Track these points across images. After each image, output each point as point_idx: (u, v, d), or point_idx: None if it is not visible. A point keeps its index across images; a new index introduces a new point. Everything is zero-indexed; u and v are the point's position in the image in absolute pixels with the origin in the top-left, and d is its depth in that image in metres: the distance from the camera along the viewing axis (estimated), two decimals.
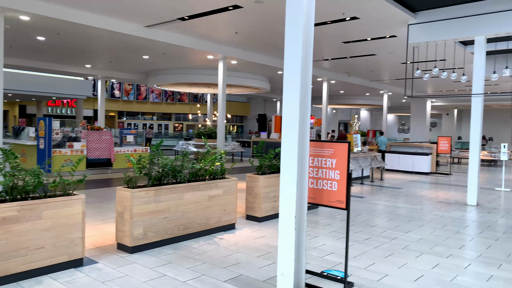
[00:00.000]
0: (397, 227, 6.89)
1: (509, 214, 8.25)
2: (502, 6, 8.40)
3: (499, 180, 13.62)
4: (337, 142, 4.29)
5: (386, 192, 10.74)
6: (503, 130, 32.76)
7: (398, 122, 40.16)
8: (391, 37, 10.99)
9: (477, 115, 9.17)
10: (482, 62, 9.06)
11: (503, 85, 20.01)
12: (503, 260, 5.25)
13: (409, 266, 4.91)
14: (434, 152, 15.66)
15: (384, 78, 19.61)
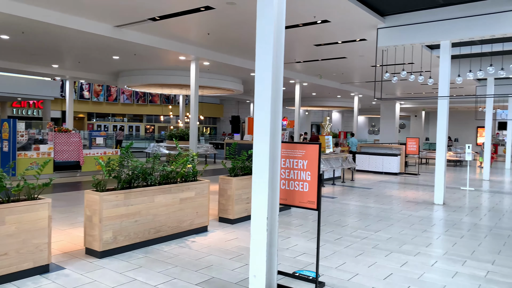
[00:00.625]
0: (367, 227, 7.03)
1: (473, 213, 8.56)
2: (466, 12, 8.73)
3: (464, 180, 14.13)
4: (309, 143, 4.33)
5: (356, 192, 10.94)
6: (468, 131, 34.03)
7: (369, 124, 41.03)
8: (361, 40, 11.22)
9: (443, 116, 9.48)
10: (447, 66, 9.38)
11: (467, 88, 20.79)
12: (467, 257, 5.44)
13: (378, 265, 5.02)
14: (402, 153, 16.08)
15: (355, 80, 20.00)
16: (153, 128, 36.18)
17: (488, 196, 10.97)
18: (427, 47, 12.09)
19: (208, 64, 14.73)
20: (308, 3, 8.24)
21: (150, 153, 18.08)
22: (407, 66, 13.78)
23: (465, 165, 20.46)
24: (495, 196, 10.98)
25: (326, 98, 26.93)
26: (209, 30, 10.76)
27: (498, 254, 5.60)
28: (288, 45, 12.17)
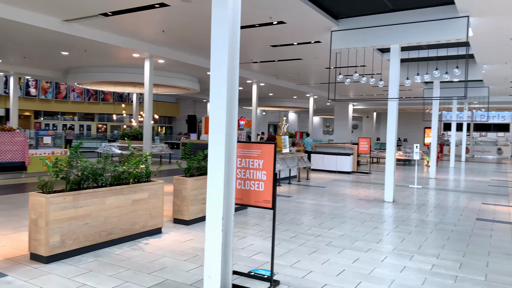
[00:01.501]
0: (321, 224, 7.18)
1: (420, 209, 8.99)
2: (414, 18, 9.15)
3: (412, 178, 14.81)
4: (264, 143, 4.35)
5: (311, 191, 11.16)
6: (416, 131, 35.74)
7: (323, 124, 42.02)
8: (316, 42, 11.46)
9: (393, 117, 9.88)
10: (396, 69, 9.79)
11: (416, 90, 21.83)
12: (415, 252, 5.70)
13: (332, 262, 5.13)
14: (355, 153, 16.60)
15: (310, 82, 20.40)
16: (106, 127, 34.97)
17: (434, 193, 11.56)
18: (379, 50, 12.57)
19: (163, 62, 14.45)
20: (264, 4, 8.29)
21: (101, 153, 17.45)
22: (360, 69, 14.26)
23: (413, 164, 21.44)
24: (440, 193, 11.59)
25: (283, 99, 27.28)
26: (164, 28, 10.55)
27: (443, 248, 5.91)
28: (245, 45, 12.20)
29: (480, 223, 7.67)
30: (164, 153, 17.81)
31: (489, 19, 8.78)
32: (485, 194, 11.48)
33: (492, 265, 5.18)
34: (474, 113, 28.93)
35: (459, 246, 6.07)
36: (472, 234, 6.84)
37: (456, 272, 4.90)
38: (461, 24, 8.58)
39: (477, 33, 9.91)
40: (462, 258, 5.47)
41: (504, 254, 5.71)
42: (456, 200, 10.33)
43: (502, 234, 6.86)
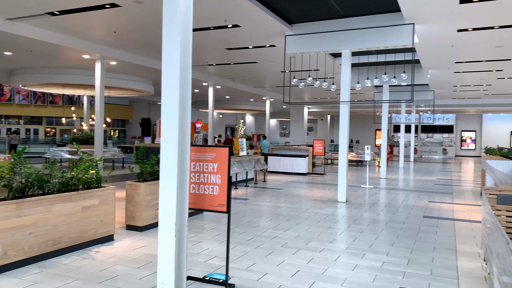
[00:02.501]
0: (277, 226, 7.25)
1: (372, 209, 9.31)
2: (364, 24, 9.50)
3: (364, 178, 15.31)
4: (218, 146, 4.34)
5: (268, 193, 11.25)
6: (368, 133, 37.03)
7: (280, 127, 42.54)
8: (270, 46, 11.59)
9: (344, 120, 10.18)
10: (348, 73, 10.10)
11: (367, 94, 22.63)
12: (366, 250, 5.89)
13: (287, 263, 5.20)
14: (310, 154, 16.93)
15: (266, 85, 20.59)
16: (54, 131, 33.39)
17: (385, 193, 12.02)
18: (331, 55, 12.92)
19: (115, 64, 14.03)
20: (218, 7, 8.28)
21: (50, 158, 16.64)
22: (314, 73, 14.57)
23: (365, 165, 22.19)
24: (390, 192, 12.08)
25: (240, 101, 27.33)
26: (115, 28, 10.25)
27: (392, 246, 6.15)
28: (200, 48, 12.11)
29: (427, 221, 8.07)
30: (117, 158, 17.27)
31: (433, 26, 9.28)
32: (431, 193, 12.09)
33: (437, 260, 5.47)
34: (422, 115, 30.46)
35: (407, 243, 6.35)
36: (419, 231, 7.18)
37: (404, 268, 5.12)
38: (407, 31, 9.00)
39: (422, 40, 10.44)
40: (410, 254, 5.73)
41: (447, 249, 6.04)
42: (405, 199, 10.80)
43: (446, 230, 7.25)
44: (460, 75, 16.06)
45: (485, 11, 8.14)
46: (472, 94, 23.30)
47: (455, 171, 20.04)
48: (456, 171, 20.06)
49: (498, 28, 9.38)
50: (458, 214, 8.79)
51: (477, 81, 17.79)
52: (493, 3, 7.70)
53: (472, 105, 27.13)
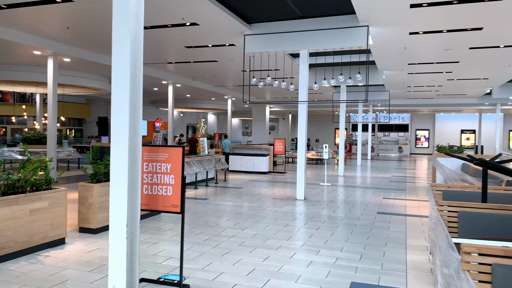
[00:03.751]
0: (236, 225, 7.27)
1: (328, 206, 9.53)
2: (320, 25, 9.69)
3: (323, 176, 15.64)
4: (172, 146, 4.29)
5: (228, 193, 11.25)
6: (328, 132, 37.83)
7: (243, 126, 42.60)
8: (230, 45, 11.58)
9: (303, 119, 10.35)
10: (305, 73, 10.28)
11: (326, 94, 23.11)
12: (321, 247, 6.03)
13: (243, 262, 5.23)
14: (271, 153, 17.08)
15: (228, 84, 20.56)
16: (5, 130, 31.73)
17: (342, 190, 12.34)
18: (290, 55, 13.08)
19: (69, 61, 13.53)
20: (175, 5, 8.17)
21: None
22: (275, 72, 14.71)
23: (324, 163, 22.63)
24: (347, 190, 12.41)
25: (201, 100, 27.11)
26: (68, 24, 9.88)
27: (346, 242, 6.33)
28: (158, 45, 11.91)
29: (380, 216, 8.36)
30: (72, 158, 16.67)
31: (386, 29, 9.61)
32: (386, 189, 12.54)
33: (388, 255, 5.68)
34: (378, 115, 31.48)
35: (361, 238, 6.56)
36: (373, 227, 7.43)
37: (357, 263, 5.28)
38: (362, 33, 9.27)
39: (377, 42, 10.79)
40: (363, 250, 5.92)
41: (398, 243, 6.29)
42: (361, 196, 11.13)
43: (398, 226, 7.54)
44: (413, 76, 16.74)
45: (434, 15, 8.52)
46: (425, 95, 24.35)
47: (409, 169, 20.87)
48: (410, 169, 20.90)
49: (446, 32, 9.85)
50: (410, 210, 9.17)
51: (429, 82, 18.60)
52: (441, 8, 8.08)
53: (425, 105, 28.36)
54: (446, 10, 8.20)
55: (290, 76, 14.26)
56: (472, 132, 34.12)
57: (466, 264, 2.34)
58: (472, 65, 14.11)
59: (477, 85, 19.39)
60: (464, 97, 25.12)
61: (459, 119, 34.45)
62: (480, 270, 2.32)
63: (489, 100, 24.64)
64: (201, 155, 14.14)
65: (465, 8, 8.04)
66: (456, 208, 4.00)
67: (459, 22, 9.02)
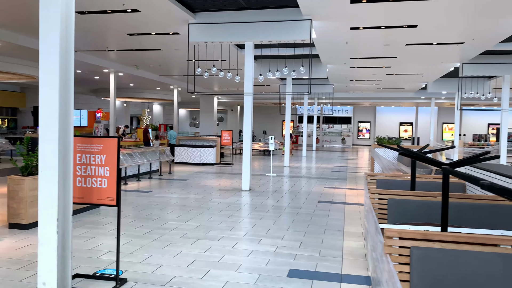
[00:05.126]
0: (178, 218, 7.19)
1: (273, 196, 9.70)
2: (266, 17, 9.74)
3: (269, 167, 15.87)
4: (107, 137, 4.14)
5: (173, 185, 11.08)
6: (275, 124, 38.35)
7: (190, 117, 42.03)
8: (174, 34, 11.32)
9: (248, 111, 10.41)
10: (251, 65, 10.31)
11: (273, 86, 23.36)
12: (263, 236, 6.13)
13: (184, 253, 5.19)
14: (218, 145, 17.03)
15: (173, 73, 20.13)
16: None
17: (286, 180, 12.60)
18: (236, 46, 13.05)
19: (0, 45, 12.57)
20: None
21: None
22: (222, 63, 14.59)
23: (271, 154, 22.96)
24: (291, 180, 12.69)
25: (146, 90, 26.35)
26: None
27: (287, 230, 6.49)
28: (97, 32, 11.39)
29: (321, 205, 8.65)
30: (4, 150, 15.58)
31: (328, 23, 9.87)
32: (328, 179, 12.98)
33: (326, 242, 5.90)
34: (323, 107, 32.40)
35: (301, 227, 6.75)
36: (314, 215, 7.67)
37: (296, 251, 5.44)
38: (305, 26, 9.45)
39: (320, 36, 11.06)
40: (302, 237, 6.09)
41: (336, 231, 6.55)
42: (304, 186, 11.44)
43: (337, 214, 7.84)
44: (355, 70, 17.37)
45: (373, 11, 8.87)
46: (366, 88, 25.39)
47: (351, 159, 21.73)
48: (352, 159, 21.77)
49: (384, 28, 10.30)
50: (349, 198, 9.56)
51: (370, 76, 19.41)
52: (379, 5, 8.43)
53: (366, 98, 29.59)
54: (384, 7, 8.57)
55: (236, 67, 14.24)
56: (409, 124, 36.13)
57: (388, 247, 2.49)
58: (408, 60, 14.89)
59: (413, 80, 20.53)
60: (402, 91, 26.50)
61: (398, 112, 36.33)
62: (400, 252, 2.47)
63: (424, 94, 26.19)
64: (144, 147, 13.78)
65: (401, 6, 8.45)
66: (386, 196, 4.23)
67: (396, 19, 9.47)
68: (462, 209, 3.97)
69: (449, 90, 20.94)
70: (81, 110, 27.20)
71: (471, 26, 9.89)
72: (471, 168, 5.78)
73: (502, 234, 2.71)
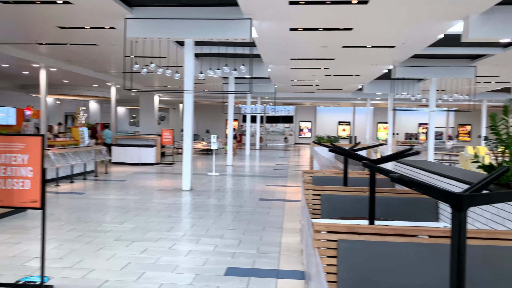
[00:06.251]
0: (114, 220, 6.91)
1: (214, 195, 9.64)
2: (206, 14, 9.63)
3: (211, 166, 15.77)
4: (30, 135, 3.87)
5: (109, 186, 10.64)
6: (219, 123, 38.20)
7: (130, 115, 40.64)
8: (110, 28, 10.86)
9: (189, 109, 10.26)
10: (191, 62, 10.16)
11: (216, 85, 23.24)
12: (202, 235, 6.06)
13: (118, 256, 4.99)
14: (158, 144, 16.62)
15: (111, 70, 19.32)
16: None
17: (229, 179, 12.59)
18: (177, 43, 12.80)
19: None
20: None
21: None
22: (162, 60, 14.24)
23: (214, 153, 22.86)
24: (234, 178, 12.71)
25: (81, 87, 25.02)
26: None
27: (227, 229, 6.47)
28: (25, 24, 10.63)
29: (262, 203, 8.73)
30: None
31: (269, 23, 9.97)
32: (270, 177, 13.15)
33: (264, 238, 5.96)
34: (266, 107, 32.83)
35: (241, 225, 6.77)
36: (254, 213, 7.72)
37: (235, 249, 5.44)
38: (245, 25, 9.46)
39: (261, 35, 11.15)
40: (242, 235, 6.11)
41: (275, 227, 6.64)
42: (247, 184, 11.50)
43: (277, 211, 7.96)
44: (295, 71, 17.76)
45: (311, 13, 9.10)
46: (307, 89, 26.07)
47: (292, 157, 22.22)
48: (294, 157, 22.27)
49: (322, 30, 10.62)
50: (289, 195, 9.76)
51: (310, 77, 19.94)
52: (317, 7, 8.66)
53: (307, 98, 30.41)
54: (321, 9, 8.82)
55: (177, 64, 13.96)
56: (347, 124, 37.65)
57: (317, 241, 2.55)
58: (345, 62, 15.49)
59: (350, 81, 21.40)
60: (341, 92, 27.55)
61: (337, 112, 37.72)
62: (328, 246, 2.55)
63: (361, 95, 27.40)
64: (78, 146, 13.10)
65: (337, 9, 8.74)
66: (320, 191, 4.36)
67: (332, 22, 9.79)
68: (390, 203, 4.19)
69: (383, 91, 22.08)
70: (9, 108, 25.28)
71: (402, 31, 10.48)
72: (399, 165, 6.13)
73: (420, 225, 2.89)
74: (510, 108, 3.34)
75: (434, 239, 2.49)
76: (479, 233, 2.51)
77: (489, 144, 3.34)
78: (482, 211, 3.29)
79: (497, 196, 1.59)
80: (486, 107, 28.03)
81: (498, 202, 1.81)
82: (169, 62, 13.76)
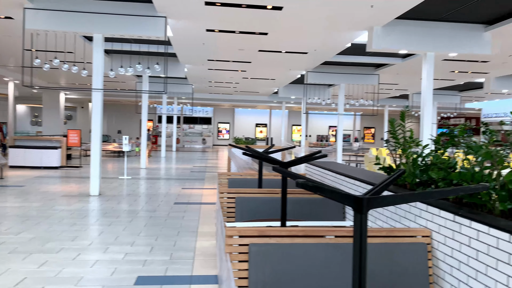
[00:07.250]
0: (8, 230, 6.20)
1: (125, 200, 9.16)
2: (118, 10, 9.11)
3: (123, 169, 15.01)
4: None
5: (4, 192, 9.58)
6: (133, 123, 36.60)
7: (31, 114, 37.17)
8: (6, 18, 9.80)
9: (97, 109, 9.63)
10: (100, 59, 9.55)
11: (129, 83, 22.24)
12: (111, 243, 5.70)
13: (12, 271, 4.47)
14: (64, 145, 15.39)
15: (9, 64, 17.47)
16: None
17: (142, 183, 12.08)
18: (85, 38, 11.96)
19: None
20: None
21: None
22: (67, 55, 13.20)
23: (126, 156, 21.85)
24: (148, 182, 12.23)
25: None
26: None
27: (138, 236, 6.17)
28: None
29: (177, 207, 8.50)
30: None
31: (184, 22, 9.77)
32: (186, 180, 12.89)
33: (178, 244, 5.79)
34: (183, 107, 32.27)
35: (154, 230, 6.50)
36: (168, 217, 7.48)
37: (147, 256, 5.19)
38: (160, 24, 9.15)
39: (176, 34, 10.88)
40: (154, 241, 5.87)
41: (190, 232, 6.49)
42: (161, 188, 11.13)
43: (192, 214, 7.80)
44: (213, 72, 17.69)
45: (227, 15, 9.10)
46: (225, 90, 26.15)
47: (210, 159, 22.11)
48: (212, 159, 22.18)
49: (238, 33, 10.69)
50: (206, 198, 9.64)
51: (227, 79, 20.02)
52: (233, 10, 8.68)
53: (226, 100, 30.52)
54: (237, 12, 8.86)
55: (85, 60, 13.05)
56: (264, 126, 38.54)
57: (229, 247, 2.51)
58: (261, 66, 15.81)
59: (266, 85, 21.93)
60: (257, 95, 28.11)
61: (254, 114, 38.42)
62: (240, 250, 2.52)
63: (276, 98, 28.23)
64: None
65: (252, 13, 8.86)
66: (234, 194, 4.34)
67: (248, 25, 9.91)
68: (301, 203, 4.31)
69: (296, 95, 22.98)
70: None
71: (313, 38, 10.98)
72: (310, 166, 6.37)
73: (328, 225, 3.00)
74: (406, 114, 3.63)
75: (340, 239, 2.59)
76: (380, 231, 2.67)
77: (389, 147, 3.60)
78: (383, 210, 3.53)
79: (393, 199, 1.68)
80: (388, 111, 30.63)
81: (393, 205, 1.93)
82: (76, 58, 12.82)
